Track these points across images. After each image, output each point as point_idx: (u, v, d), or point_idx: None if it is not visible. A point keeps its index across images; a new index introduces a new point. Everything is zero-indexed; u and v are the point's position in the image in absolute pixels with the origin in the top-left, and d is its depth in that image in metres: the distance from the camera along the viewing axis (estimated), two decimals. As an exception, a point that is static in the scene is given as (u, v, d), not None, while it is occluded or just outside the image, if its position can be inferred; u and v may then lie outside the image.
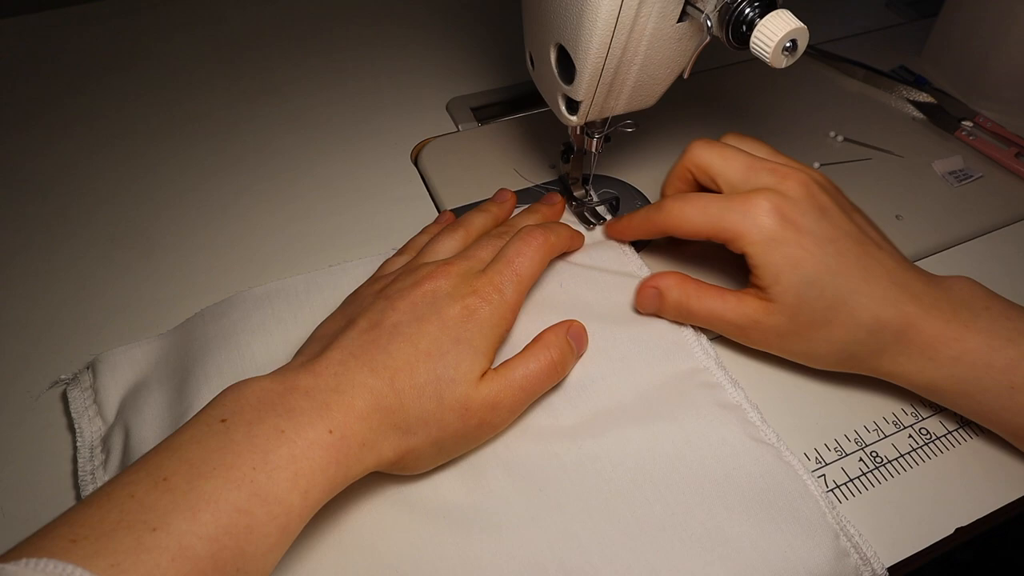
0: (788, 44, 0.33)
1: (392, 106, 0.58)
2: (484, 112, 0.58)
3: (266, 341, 0.39)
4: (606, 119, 0.42)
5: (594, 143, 0.44)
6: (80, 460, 0.36)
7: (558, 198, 0.47)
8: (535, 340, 0.37)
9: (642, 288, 0.40)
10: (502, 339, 0.36)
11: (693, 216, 0.38)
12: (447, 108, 0.58)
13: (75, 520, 0.25)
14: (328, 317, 0.38)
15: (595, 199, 0.47)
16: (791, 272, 0.36)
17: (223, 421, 0.29)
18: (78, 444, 0.37)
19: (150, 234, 0.48)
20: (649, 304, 0.40)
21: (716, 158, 0.39)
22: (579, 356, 0.39)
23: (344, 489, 0.31)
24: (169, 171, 0.52)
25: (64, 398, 0.39)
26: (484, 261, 0.38)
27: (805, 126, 0.56)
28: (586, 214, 0.47)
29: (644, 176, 0.51)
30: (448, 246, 0.40)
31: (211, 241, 0.47)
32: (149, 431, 0.36)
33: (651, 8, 0.35)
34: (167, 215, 0.49)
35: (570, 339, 0.38)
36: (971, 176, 0.52)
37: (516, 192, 0.49)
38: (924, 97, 0.57)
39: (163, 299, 0.44)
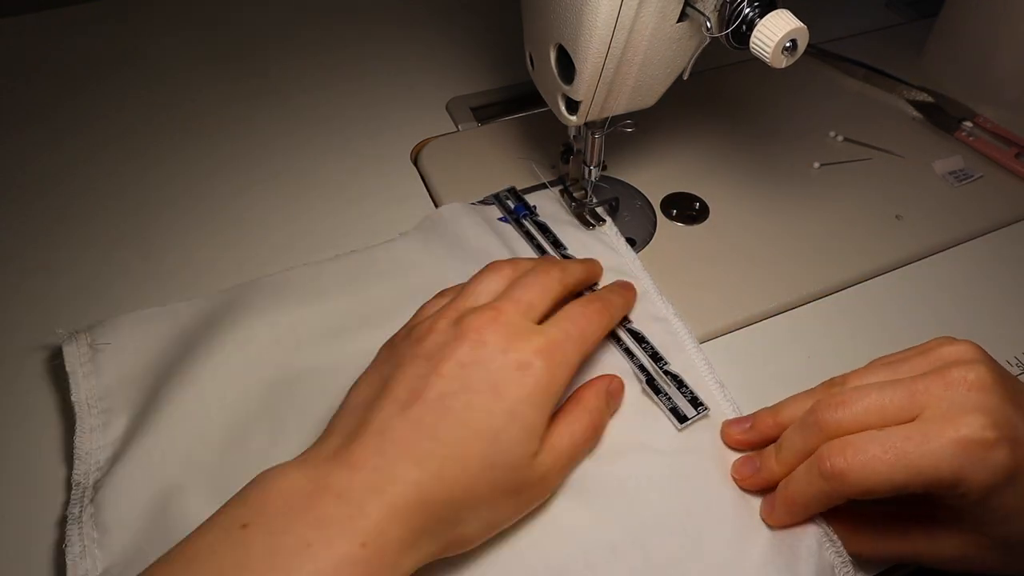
0: (788, 44, 0.33)
1: (392, 106, 0.58)
2: (484, 112, 0.58)
3: (271, 322, 0.40)
4: (606, 119, 0.42)
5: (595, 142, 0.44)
6: (78, 413, 0.36)
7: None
8: (573, 399, 0.34)
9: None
10: (555, 407, 0.32)
11: (884, 470, 0.28)
12: (447, 108, 0.58)
13: None
14: (362, 376, 0.33)
15: (595, 200, 0.47)
16: None
17: (244, 527, 0.26)
18: (73, 399, 0.37)
19: (149, 234, 0.48)
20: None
21: (867, 415, 0.30)
22: (614, 413, 0.36)
23: None
24: (168, 171, 0.52)
25: (58, 377, 0.39)
26: (536, 308, 0.34)
27: (805, 126, 0.56)
28: (586, 215, 0.47)
29: (644, 176, 0.51)
30: (492, 286, 0.35)
31: (210, 241, 0.47)
32: (148, 399, 0.36)
33: (651, 8, 0.35)
34: (167, 215, 0.49)
35: (609, 397, 0.35)
36: (971, 176, 0.52)
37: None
38: (924, 97, 0.57)
39: (162, 299, 0.43)
